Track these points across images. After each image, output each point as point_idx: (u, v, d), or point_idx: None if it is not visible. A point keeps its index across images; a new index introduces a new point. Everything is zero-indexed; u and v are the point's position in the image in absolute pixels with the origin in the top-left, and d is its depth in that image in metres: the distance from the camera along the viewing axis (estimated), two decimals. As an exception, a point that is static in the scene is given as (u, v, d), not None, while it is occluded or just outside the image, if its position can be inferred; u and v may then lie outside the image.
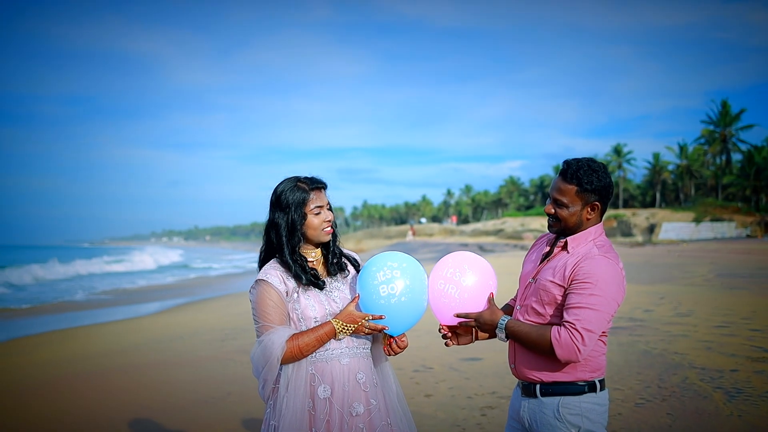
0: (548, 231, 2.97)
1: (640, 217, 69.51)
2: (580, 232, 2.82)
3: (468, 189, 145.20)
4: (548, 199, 2.87)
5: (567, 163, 2.82)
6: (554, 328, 2.68)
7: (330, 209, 2.95)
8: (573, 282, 2.70)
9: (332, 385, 2.80)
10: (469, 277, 2.90)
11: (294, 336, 2.77)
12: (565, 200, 2.79)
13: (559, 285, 2.74)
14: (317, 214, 2.89)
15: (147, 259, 55.18)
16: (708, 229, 59.89)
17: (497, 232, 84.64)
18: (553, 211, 2.84)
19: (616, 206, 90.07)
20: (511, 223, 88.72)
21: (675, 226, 62.66)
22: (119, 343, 10.58)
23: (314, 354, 2.81)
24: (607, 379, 6.57)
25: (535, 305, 2.82)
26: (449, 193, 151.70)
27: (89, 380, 7.87)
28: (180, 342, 10.46)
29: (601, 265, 2.70)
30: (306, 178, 2.93)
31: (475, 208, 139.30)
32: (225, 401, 6.63)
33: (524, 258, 3.10)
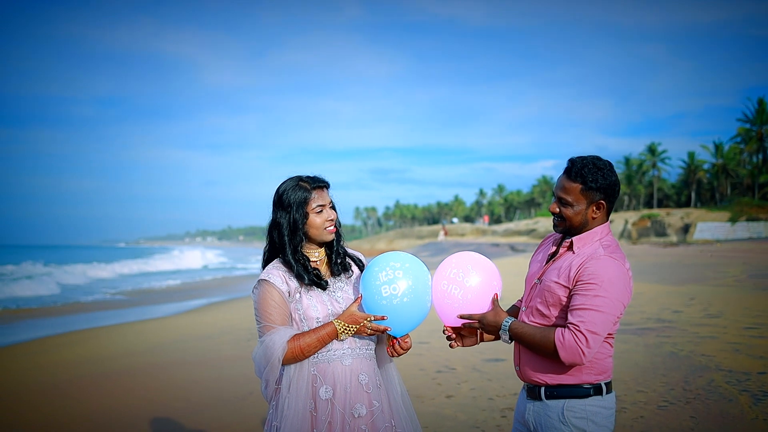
0: (554, 231, 2.89)
1: (674, 217, 68.37)
2: (585, 231, 2.75)
3: (501, 189, 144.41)
4: (553, 198, 2.80)
5: (571, 161, 2.74)
6: (558, 330, 2.60)
7: (333, 208, 2.91)
8: (578, 283, 2.63)
9: (334, 386, 2.76)
10: (473, 278, 2.84)
11: (295, 336, 2.73)
12: (569, 199, 2.72)
13: (564, 286, 2.67)
14: (319, 213, 2.85)
15: (189, 258, 55.90)
16: (744, 229, 58.68)
17: (530, 232, 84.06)
18: (557, 210, 2.76)
19: (650, 206, 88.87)
20: (544, 222, 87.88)
21: (710, 226, 61.58)
22: (144, 343, 10.65)
23: (316, 355, 2.78)
24: (631, 382, 6.52)
25: (540, 306, 2.75)
26: (482, 193, 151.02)
27: (113, 380, 7.93)
28: (205, 341, 10.51)
29: (606, 265, 2.62)
30: (308, 177, 2.89)
31: (507, 207, 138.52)
32: (246, 400, 6.63)
33: (531, 258, 3.02)
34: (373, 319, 2.76)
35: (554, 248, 2.88)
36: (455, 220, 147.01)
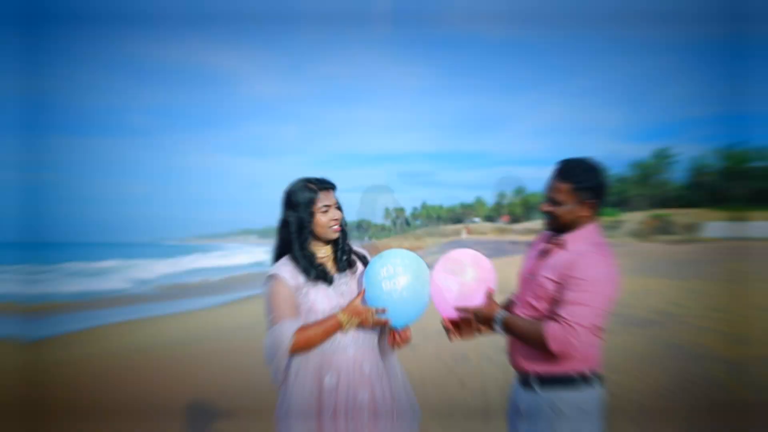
0: (545, 229, 2.85)
1: (684, 217, 67.33)
2: (575, 229, 2.70)
3: (520, 190, 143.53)
4: (545, 197, 2.75)
5: (561, 161, 2.70)
6: (548, 323, 2.56)
7: (339, 208, 2.91)
8: (567, 279, 2.59)
9: (338, 375, 2.76)
10: (469, 273, 2.82)
11: (302, 328, 2.73)
12: (559, 198, 2.68)
13: (555, 281, 2.63)
14: (325, 212, 2.85)
15: (238, 254, 56.32)
16: (753, 229, 57.53)
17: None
18: (548, 209, 2.72)
19: (660, 207, 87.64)
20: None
21: (720, 225, 60.48)
22: (187, 333, 10.72)
23: (322, 345, 2.77)
24: (632, 371, 6.40)
25: (531, 301, 2.72)
26: (502, 195, 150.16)
27: (158, 367, 7.98)
28: (244, 331, 10.56)
29: (594, 262, 2.58)
30: (315, 178, 2.89)
31: (527, 208, 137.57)
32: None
33: (525, 255, 2.98)
34: (374, 312, 2.76)
35: (546, 246, 2.84)
36: (477, 219, 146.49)
